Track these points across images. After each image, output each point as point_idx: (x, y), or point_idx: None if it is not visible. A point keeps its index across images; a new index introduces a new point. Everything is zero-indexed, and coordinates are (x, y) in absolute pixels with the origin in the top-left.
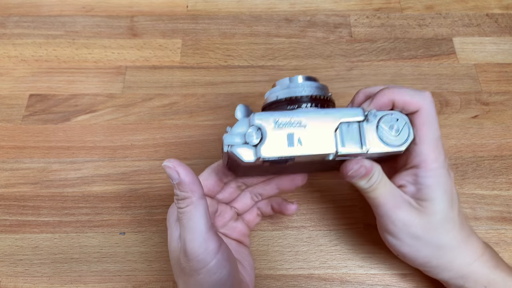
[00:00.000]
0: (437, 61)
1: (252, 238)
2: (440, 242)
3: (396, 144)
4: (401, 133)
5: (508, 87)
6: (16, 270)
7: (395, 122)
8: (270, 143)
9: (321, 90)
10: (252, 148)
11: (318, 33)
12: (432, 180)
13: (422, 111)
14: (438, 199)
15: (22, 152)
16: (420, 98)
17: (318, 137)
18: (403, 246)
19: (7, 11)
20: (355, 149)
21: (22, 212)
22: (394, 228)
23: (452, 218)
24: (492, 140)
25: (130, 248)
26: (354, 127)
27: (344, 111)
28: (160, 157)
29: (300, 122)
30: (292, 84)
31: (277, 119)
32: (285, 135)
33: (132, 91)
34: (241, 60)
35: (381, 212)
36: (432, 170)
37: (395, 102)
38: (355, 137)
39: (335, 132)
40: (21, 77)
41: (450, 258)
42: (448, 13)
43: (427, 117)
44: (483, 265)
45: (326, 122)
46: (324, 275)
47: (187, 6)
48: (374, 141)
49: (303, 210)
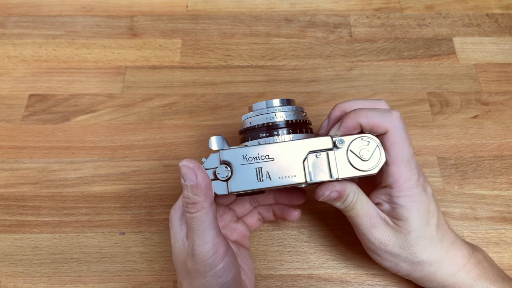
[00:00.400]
0: (437, 61)
1: (252, 238)
2: (418, 259)
3: (367, 169)
4: (373, 157)
5: (508, 87)
6: (16, 270)
7: (366, 146)
8: (239, 178)
9: (296, 113)
10: (224, 183)
11: (318, 33)
12: (405, 200)
13: (390, 132)
14: (412, 219)
15: (22, 152)
16: (387, 119)
17: (287, 169)
18: (384, 261)
19: (7, 11)
20: (325, 177)
21: (22, 212)
22: (372, 246)
23: (428, 236)
24: (492, 140)
25: (130, 248)
26: (322, 156)
27: (312, 141)
28: (160, 157)
29: (268, 156)
30: (267, 109)
31: (245, 154)
32: (253, 170)
33: (132, 91)
34: (241, 60)
35: (359, 231)
36: (405, 190)
37: (362, 126)
38: (324, 166)
39: (304, 162)
40: (21, 77)
41: (432, 271)
42: (448, 13)
43: (396, 138)
44: (467, 275)
45: (294, 153)
46: (324, 275)
47: (187, 6)
48: (344, 167)
49: (303, 210)
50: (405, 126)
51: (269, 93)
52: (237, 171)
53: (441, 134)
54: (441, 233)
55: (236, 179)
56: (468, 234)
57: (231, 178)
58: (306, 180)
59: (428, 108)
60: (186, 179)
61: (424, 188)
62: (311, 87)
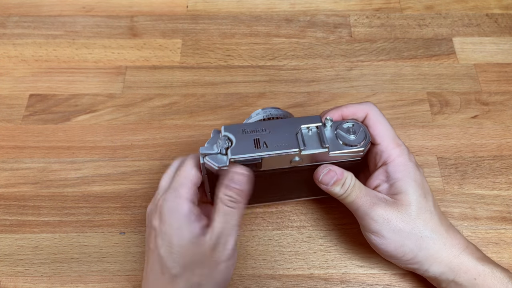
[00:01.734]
0: (437, 61)
1: (252, 238)
2: (421, 232)
3: (355, 143)
4: (358, 135)
5: (507, 87)
6: (16, 270)
7: (351, 127)
8: (238, 146)
9: (288, 114)
10: (224, 157)
11: (318, 33)
12: (401, 173)
13: (370, 114)
14: (410, 190)
15: (22, 152)
16: (364, 105)
17: (282, 139)
18: (388, 243)
19: (7, 11)
20: (317, 147)
21: (22, 212)
22: (376, 225)
23: (428, 209)
24: (492, 140)
25: (130, 248)
26: (314, 131)
27: (303, 119)
28: (160, 157)
29: (264, 129)
30: (263, 111)
31: (244, 128)
32: (251, 140)
33: (132, 91)
34: (241, 60)
35: (360, 214)
36: (399, 163)
37: (344, 116)
38: (315, 138)
39: (297, 135)
40: (21, 77)
41: (436, 248)
42: (448, 13)
43: (377, 117)
44: (471, 256)
45: (288, 128)
46: (324, 275)
47: (187, 6)
48: (333, 143)
49: (303, 210)
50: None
51: (269, 93)
52: (237, 141)
53: (441, 134)
54: (439, 212)
55: (236, 148)
56: (468, 234)
57: (231, 148)
58: (300, 148)
59: (428, 108)
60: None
61: (417, 165)
62: (311, 87)
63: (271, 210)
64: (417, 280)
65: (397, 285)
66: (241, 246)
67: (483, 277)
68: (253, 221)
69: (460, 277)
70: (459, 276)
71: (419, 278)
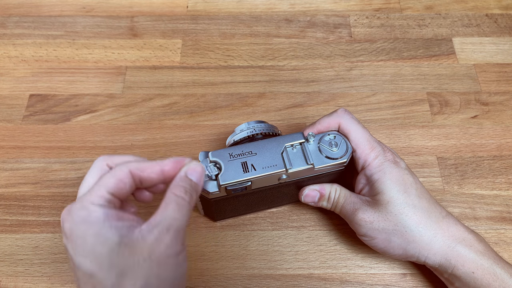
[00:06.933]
0: (437, 61)
1: (252, 238)
2: (405, 227)
3: (338, 156)
4: (340, 147)
5: (507, 87)
6: (17, 270)
7: (333, 140)
8: (227, 172)
9: (271, 128)
10: (215, 182)
11: (318, 33)
12: (377, 174)
13: (341, 123)
14: (387, 188)
15: (23, 152)
16: (334, 116)
17: (268, 160)
18: (377, 242)
19: (7, 11)
20: (302, 165)
21: (23, 212)
22: (362, 229)
23: (410, 204)
24: (491, 140)
25: None
26: (298, 148)
27: (287, 137)
28: (160, 157)
29: (250, 152)
30: (247, 126)
31: (231, 152)
32: (239, 163)
33: (132, 91)
34: (241, 60)
35: (348, 220)
36: (375, 166)
37: (320, 131)
38: (300, 155)
39: (282, 154)
40: (21, 77)
41: (426, 241)
42: (448, 14)
43: (348, 125)
44: (469, 249)
45: (273, 148)
46: (324, 275)
47: (187, 6)
48: (317, 157)
49: (303, 210)
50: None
51: (269, 93)
52: (225, 167)
53: (441, 134)
54: (426, 204)
55: (225, 174)
56: None
57: (221, 174)
58: (286, 168)
59: (428, 108)
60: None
61: (394, 162)
62: (311, 87)
63: (271, 210)
64: (417, 280)
65: (397, 285)
66: (241, 246)
67: (482, 271)
68: (253, 221)
69: (458, 270)
70: (456, 269)
71: (419, 278)
